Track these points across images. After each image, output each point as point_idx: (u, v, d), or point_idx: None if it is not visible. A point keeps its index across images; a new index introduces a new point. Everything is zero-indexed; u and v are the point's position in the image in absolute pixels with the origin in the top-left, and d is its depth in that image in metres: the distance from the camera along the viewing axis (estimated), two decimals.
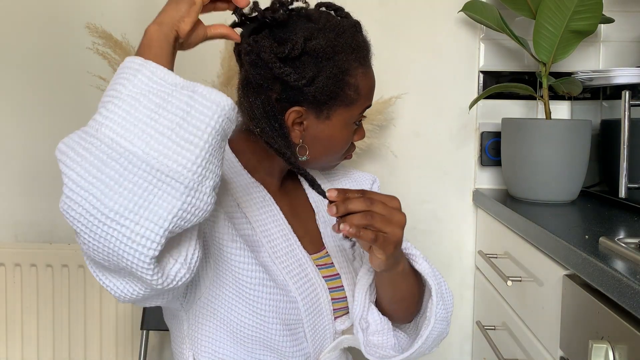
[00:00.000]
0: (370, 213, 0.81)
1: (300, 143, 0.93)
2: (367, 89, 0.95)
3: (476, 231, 1.76)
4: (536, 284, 1.22)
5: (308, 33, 0.88)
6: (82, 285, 1.73)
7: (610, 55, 1.72)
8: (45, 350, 1.75)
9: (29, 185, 1.79)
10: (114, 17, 1.71)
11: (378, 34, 1.83)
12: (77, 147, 0.68)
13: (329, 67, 0.89)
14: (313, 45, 0.87)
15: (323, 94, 0.90)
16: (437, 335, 0.98)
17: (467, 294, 1.78)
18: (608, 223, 1.29)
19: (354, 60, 0.91)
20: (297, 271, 0.95)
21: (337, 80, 0.90)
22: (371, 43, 0.97)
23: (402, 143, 1.74)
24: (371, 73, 0.96)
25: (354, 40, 0.92)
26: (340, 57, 0.89)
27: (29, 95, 1.77)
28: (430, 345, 0.99)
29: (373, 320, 0.98)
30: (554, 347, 1.11)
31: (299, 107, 0.90)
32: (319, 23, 0.91)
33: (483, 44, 1.73)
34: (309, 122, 0.92)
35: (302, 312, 0.94)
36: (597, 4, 1.39)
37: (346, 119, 0.94)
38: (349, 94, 0.92)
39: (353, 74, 0.91)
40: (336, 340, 1.00)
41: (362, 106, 0.95)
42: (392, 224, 0.82)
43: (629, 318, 0.84)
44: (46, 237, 1.80)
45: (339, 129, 0.94)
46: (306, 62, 0.88)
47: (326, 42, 0.88)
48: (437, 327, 0.96)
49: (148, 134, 0.66)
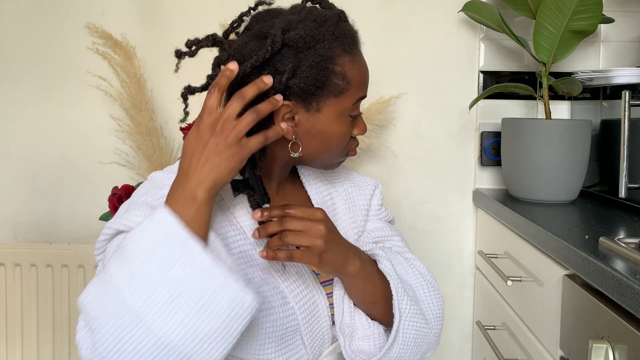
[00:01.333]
0: (284, 233, 0.85)
1: (293, 139, 0.91)
2: (357, 77, 0.92)
3: (476, 231, 1.76)
4: (536, 284, 1.22)
5: (286, 25, 0.87)
6: (82, 285, 1.73)
7: (610, 55, 1.72)
8: (45, 350, 1.75)
9: (29, 186, 1.79)
10: (114, 17, 1.71)
11: (378, 34, 1.84)
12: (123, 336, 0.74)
13: (309, 56, 0.87)
14: (292, 36, 0.86)
15: (308, 85, 0.88)
16: (416, 334, 0.95)
17: (467, 294, 1.78)
18: (608, 223, 1.29)
19: (337, 47, 0.89)
20: (294, 278, 0.94)
21: (320, 69, 0.88)
22: (368, 40, 0.96)
23: (402, 143, 1.74)
24: (361, 62, 0.94)
25: (337, 28, 0.90)
26: (322, 46, 0.88)
27: (29, 95, 1.77)
28: (413, 347, 0.96)
29: (361, 324, 0.97)
30: (554, 347, 1.11)
31: (287, 101, 0.88)
32: (299, 15, 0.90)
33: (483, 44, 1.73)
34: (300, 117, 0.90)
35: (300, 321, 0.93)
36: (597, 4, 1.39)
37: (338, 111, 0.91)
38: (337, 82, 0.89)
39: (339, 62, 0.89)
40: (334, 344, 0.99)
41: (354, 96, 0.92)
42: (310, 237, 0.85)
43: (629, 318, 0.84)
44: (46, 237, 1.80)
45: (331, 121, 0.91)
46: (286, 54, 0.87)
47: (305, 32, 0.87)
48: (410, 324, 0.94)
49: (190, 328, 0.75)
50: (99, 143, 1.75)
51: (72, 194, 1.78)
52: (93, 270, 1.73)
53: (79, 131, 1.76)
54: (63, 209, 1.79)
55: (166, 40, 1.71)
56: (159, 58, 1.72)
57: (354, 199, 1.07)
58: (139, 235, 0.77)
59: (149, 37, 1.71)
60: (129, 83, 1.65)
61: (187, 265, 0.75)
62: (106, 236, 0.88)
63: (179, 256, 0.76)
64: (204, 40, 0.91)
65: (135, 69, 1.65)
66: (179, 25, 1.70)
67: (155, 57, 1.71)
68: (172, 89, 1.73)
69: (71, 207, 1.79)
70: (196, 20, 1.70)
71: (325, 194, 1.04)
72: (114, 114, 1.71)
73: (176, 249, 0.76)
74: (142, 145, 1.65)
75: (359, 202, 1.07)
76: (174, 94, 1.79)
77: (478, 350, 1.72)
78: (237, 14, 0.94)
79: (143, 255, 0.76)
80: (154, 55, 1.71)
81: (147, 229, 0.78)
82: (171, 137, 1.72)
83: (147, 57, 1.69)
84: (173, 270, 0.75)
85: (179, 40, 0.92)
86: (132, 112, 1.65)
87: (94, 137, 1.76)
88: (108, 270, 0.77)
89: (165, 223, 0.77)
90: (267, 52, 0.85)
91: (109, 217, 1.48)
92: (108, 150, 1.75)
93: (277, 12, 0.93)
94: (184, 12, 1.72)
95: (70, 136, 1.77)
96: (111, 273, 0.76)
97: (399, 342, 0.94)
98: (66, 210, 1.79)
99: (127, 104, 1.66)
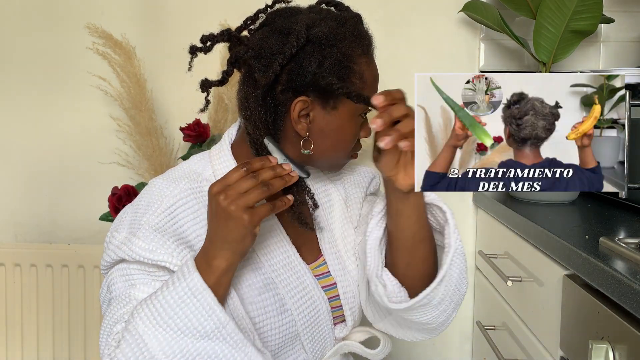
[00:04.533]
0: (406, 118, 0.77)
1: (306, 136, 0.91)
2: (371, 78, 0.93)
3: (476, 231, 1.76)
4: (536, 284, 1.22)
5: (310, 22, 0.88)
6: (82, 285, 1.73)
7: (610, 55, 1.72)
8: (45, 350, 1.75)
9: (29, 186, 1.79)
10: (114, 17, 1.71)
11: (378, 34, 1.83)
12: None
13: (333, 53, 0.87)
14: (316, 33, 0.87)
15: (330, 82, 0.87)
16: (459, 273, 0.92)
17: (467, 294, 1.77)
18: (608, 223, 1.28)
19: (357, 47, 0.90)
20: (295, 284, 0.94)
21: (342, 67, 0.88)
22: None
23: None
24: (374, 64, 0.95)
25: (357, 29, 0.91)
26: (344, 44, 0.88)
27: (29, 95, 1.77)
28: (454, 291, 0.93)
29: (389, 281, 0.93)
30: (554, 347, 1.11)
31: (304, 97, 0.88)
32: (320, 14, 0.91)
33: (483, 44, 1.73)
34: (315, 114, 0.90)
35: (299, 327, 0.93)
36: (597, 4, 1.39)
37: (353, 110, 0.91)
38: (355, 82, 0.89)
39: (357, 62, 0.90)
40: (336, 346, 0.99)
41: None
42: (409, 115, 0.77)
43: (629, 318, 0.84)
44: (46, 237, 1.80)
45: (346, 120, 0.91)
46: (310, 51, 0.87)
47: (329, 29, 0.87)
48: (456, 260, 0.92)
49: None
50: (99, 143, 1.75)
51: (72, 194, 1.78)
52: (93, 270, 1.73)
53: (79, 131, 1.77)
54: (63, 209, 1.79)
55: (166, 40, 1.72)
56: (159, 58, 1.72)
57: (351, 194, 1.07)
58: (174, 299, 0.79)
59: (149, 37, 1.71)
60: (129, 83, 1.65)
61: (221, 338, 0.80)
62: (111, 259, 0.89)
63: (214, 328, 0.79)
64: (219, 35, 0.91)
65: (135, 69, 1.65)
66: (179, 26, 1.71)
67: (155, 57, 1.71)
68: (172, 89, 1.74)
69: (71, 207, 1.79)
70: (196, 20, 1.70)
71: (321, 190, 1.04)
72: (114, 114, 1.72)
73: (212, 321, 0.79)
74: (142, 145, 1.65)
75: (355, 196, 1.07)
76: (174, 94, 1.80)
77: (478, 350, 1.72)
78: (237, 14, 0.94)
79: (178, 321, 0.79)
80: (154, 55, 1.71)
81: (181, 295, 0.79)
82: (171, 137, 1.72)
83: (147, 57, 1.69)
84: (207, 340, 0.79)
85: (179, 40, 0.92)
86: (132, 112, 1.65)
87: (94, 137, 1.76)
88: (139, 328, 0.79)
89: (199, 291, 0.79)
90: (292, 47, 0.85)
91: (109, 217, 1.48)
92: (108, 150, 1.75)
93: (296, 10, 0.93)
94: (184, 12, 1.72)
95: (70, 136, 1.77)
96: (144, 332, 0.79)
97: (447, 278, 0.91)
98: (66, 210, 1.79)
99: (127, 104, 1.66)
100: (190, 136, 1.54)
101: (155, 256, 0.85)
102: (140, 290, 0.86)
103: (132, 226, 0.89)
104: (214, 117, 1.63)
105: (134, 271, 0.87)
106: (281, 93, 0.89)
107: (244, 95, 0.91)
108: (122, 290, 0.87)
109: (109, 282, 0.90)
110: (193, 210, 0.90)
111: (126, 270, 0.87)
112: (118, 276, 0.88)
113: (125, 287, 0.87)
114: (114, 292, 0.88)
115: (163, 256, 0.85)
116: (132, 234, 0.87)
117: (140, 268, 0.87)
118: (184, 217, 0.89)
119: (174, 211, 0.89)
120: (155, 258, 0.85)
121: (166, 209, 0.88)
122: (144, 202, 0.91)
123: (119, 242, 0.88)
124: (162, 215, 0.88)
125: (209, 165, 0.95)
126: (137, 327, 0.79)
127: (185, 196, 0.90)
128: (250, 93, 0.89)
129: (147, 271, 0.87)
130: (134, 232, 0.87)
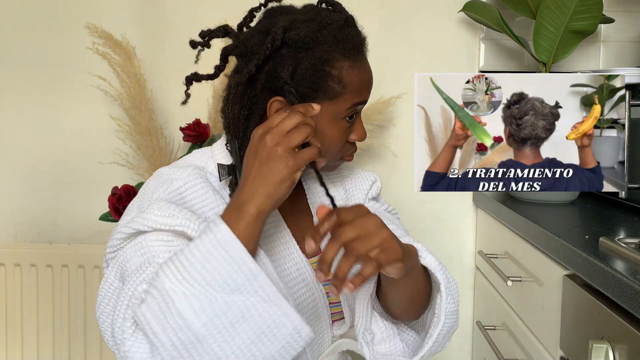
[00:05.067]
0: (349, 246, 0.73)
1: None
2: (355, 83, 0.90)
3: (476, 231, 1.76)
4: (536, 284, 1.22)
5: (289, 24, 0.87)
6: (82, 285, 1.73)
7: (610, 55, 1.72)
8: (45, 350, 1.75)
9: (29, 186, 1.79)
10: (114, 17, 1.71)
11: (378, 34, 1.84)
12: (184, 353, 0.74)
13: (307, 58, 0.87)
14: (292, 36, 0.86)
15: (304, 87, 0.87)
16: (448, 330, 0.93)
17: (467, 294, 1.77)
18: (608, 223, 1.28)
19: (337, 52, 0.88)
20: (294, 275, 0.94)
21: (316, 71, 0.87)
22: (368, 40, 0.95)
23: (402, 143, 1.74)
24: (363, 68, 0.92)
25: (340, 32, 0.89)
26: (320, 48, 0.87)
27: (29, 95, 1.77)
28: (442, 342, 0.94)
29: (378, 329, 0.95)
30: (554, 347, 1.10)
31: (280, 97, 0.88)
32: (306, 15, 0.90)
33: (483, 44, 1.73)
34: None
35: None
36: (597, 4, 1.39)
37: (332, 114, 0.89)
38: (332, 86, 0.88)
39: (336, 66, 0.88)
40: (334, 344, 0.99)
41: (350, 101, 0.90)
42: (372, 235, 0.74)
43: (629, 318, 0.84)
44: (46, 237, 1.80)
45: (325, 124, 0.89)
46: (285, 54, 0.87)
47: (306, 33, 0.87)
48: (447, 322, 0.92)
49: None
50: (99, 143, 1.75)
51: (72, 194, 1.78)
52: (93, 270, 1.73)
53: (79, 131, 1.77)
54: (63, 209, 1.79)
55: (166, 40, 1.72)
56: (159, 58, 1.72)
57: (352, 195, 1.07)
58: (200, 252, 0.75)
59: (149, 37, 1.71)
60: (129, 83, 1.65)
61: (253, 291, 0.75)
62: (124, 235, 0.86)
63: (245, 280, 0.74)
64: (215, 30, 0.92)
65: (135, 69, 1.65)
66: (179, 26, 1.71)
67: (155, 57, 1.71)
68: (172, 89, 1.74)
69: (71, 207, 1.79)
70: (196, 20, 1.70)
71: (323, 194, 1.04)
72: (114, 114, 1.71)
73: (243, 273, 0.74)
74: (142, 145, 1.65)
75: (356, 198, 1.07)
76: (174, 94, 1.80)
77: (478, 350, 1.72)
78: (237, 14, 0.94)
79: (206, 275, 0.74)
80: (154, 55, 1.71)
81: (208, 247, 0.75)
82: (171, 137, 1.72)
83: (147, 57, 1.69)
84: (238, 294, 0.74)
85: (179, 40, 0.93)
86: (132, 112, 1.65)
87: (94, 137, 1.76)
88: (165, 284, 0.74)
89: (227, 242, 0.75)
90: (267, 49, 0.86)
91: (109, 217, 1.48)
92: (108, 150, 1.75)
93: (287, 9, 0.93)
94: (184, 13, 1.72)
95: (70, 136, 1.77)
96: (170, 289, 0.74)
97: (432, 343, 0.91)
98: (66, 210, 1.79)
99: (127, 104, 1.66)
100: (190, 136, 1.54)
101: (174, 220, 0.82)
102: (162, 259, 0.81)
103: (142, 205, 0.87)
104: (214, 117, 1.63)
105: (151, 242, 0.83)
106: (261, 92, 0.89)
107: (226, 90, 0.92)
108: (140, 264, 0.82)
109: (121, 262, 0.85)
110: (201, 192, 0.89)
111: (142, 243, 0.84)
112: (133, 252, 0.84)
113: (143, 261, 0.82)
114: (130, 269, 0.83)
115: (181, 220, 0.82)
116: (143, 211, 0.85)
117: (157, 238, 0.83)
118: (193, 199, 0.89)
119: (183, 192, 0.88)
120: (174, 222, 0.82)
121: (175, 189, 0.88)
122: (151, 185, 0.91)
123: (130, 219, 0.86)
124: (173, 193, 0.87)
125: (211, 160, 0.96)
126: (163, 283, 0.74)
127: (193, 179, 0.90)
128: (232, 89, 0.90)
129: (164, 241, 0.83)
130: (144, 209, 0.85)
